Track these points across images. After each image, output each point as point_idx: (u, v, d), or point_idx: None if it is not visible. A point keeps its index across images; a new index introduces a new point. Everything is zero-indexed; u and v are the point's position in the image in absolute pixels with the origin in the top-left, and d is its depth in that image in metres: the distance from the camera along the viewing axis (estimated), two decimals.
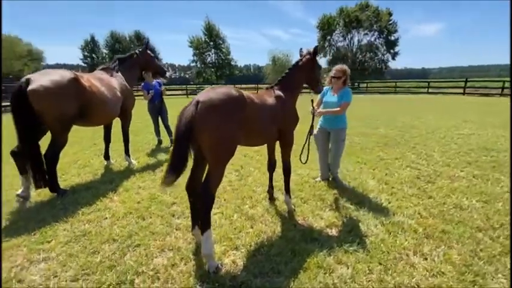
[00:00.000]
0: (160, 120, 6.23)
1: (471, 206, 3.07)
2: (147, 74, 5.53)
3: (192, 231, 2.42)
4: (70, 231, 2.63)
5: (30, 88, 2.91)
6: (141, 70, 5.04)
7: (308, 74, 3.04)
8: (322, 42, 40.38)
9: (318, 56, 3.18)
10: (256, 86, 27.74)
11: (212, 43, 40.65)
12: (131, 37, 41.28)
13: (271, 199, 3.19)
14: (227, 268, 2.11)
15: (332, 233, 2.59)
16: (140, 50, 4.81)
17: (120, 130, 4.66)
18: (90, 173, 4.30)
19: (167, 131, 6.20)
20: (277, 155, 3.08)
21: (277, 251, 2.27)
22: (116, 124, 4.65)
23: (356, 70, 39.48)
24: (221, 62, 40.97)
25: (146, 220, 2.83)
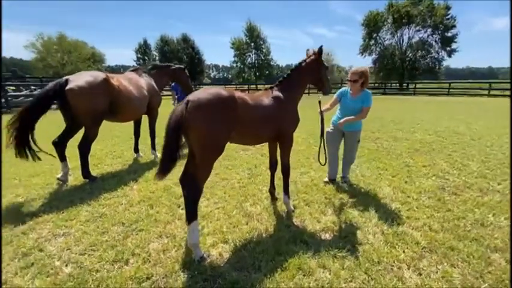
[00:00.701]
0: None
1: (495, 224, 2.72)
2: None
3: (187, 221, 2.58)
4: (90, 212, 3.01)
5: (67, 87, 3.40)
6: (172, 80, 5.77)
7: (313, 75, 3.00)
8: (367, 40, 38.14)
9: (325, 55, 3.12)
10: None
11: (253, 44, 41.52)
12: (178, 40, 43.99)
13: (272, 199, 3.23)
14: (212, 259, 2.23)
15: (325, 237, 2.54)
16: (180, 67, 5.53)
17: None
18: (120, 163, 4.81)
19: None
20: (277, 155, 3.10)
21: (262, 249, 2.32)
22: (146, 121, 5.11)
23: (406, 70, 36.56)
24: (260, 63, 41.58)
25: (154, 208, 3.10)
